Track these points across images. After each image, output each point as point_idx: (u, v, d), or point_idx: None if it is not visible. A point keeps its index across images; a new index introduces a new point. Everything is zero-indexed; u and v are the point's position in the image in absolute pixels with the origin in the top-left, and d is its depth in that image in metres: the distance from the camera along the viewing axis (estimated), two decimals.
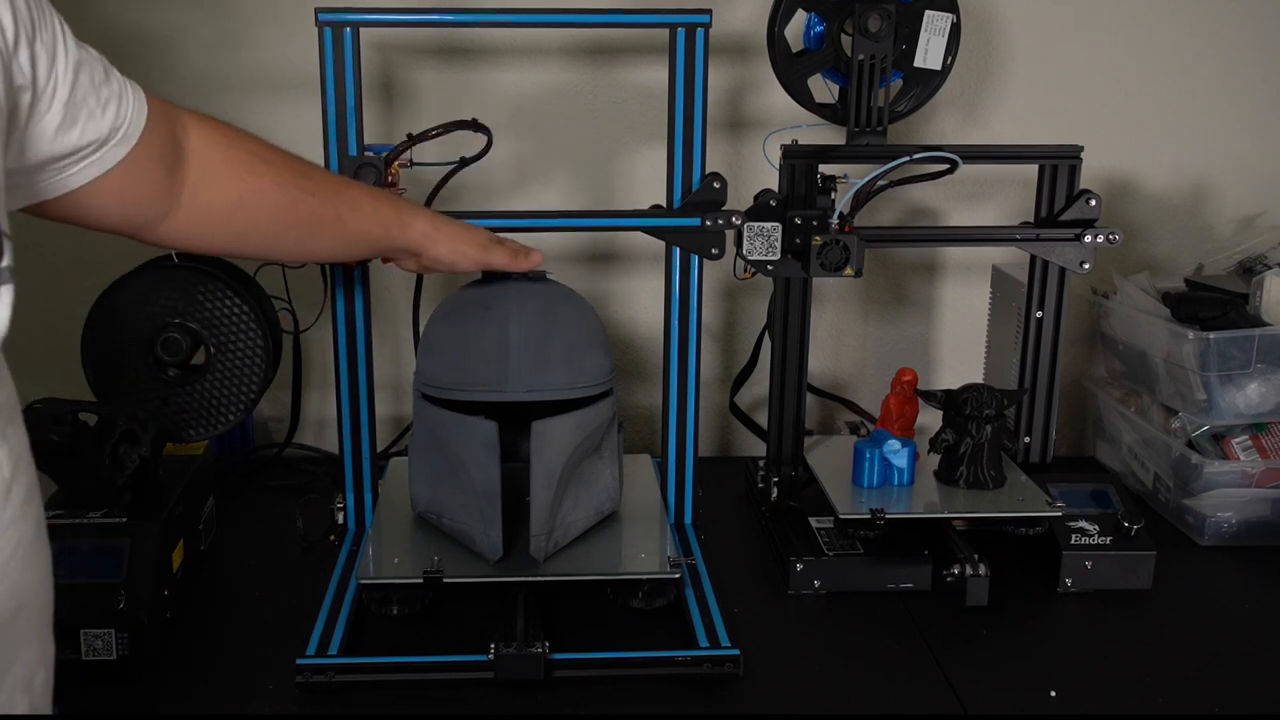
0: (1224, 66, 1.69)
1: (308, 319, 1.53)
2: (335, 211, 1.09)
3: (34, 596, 0.75)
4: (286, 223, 1.06)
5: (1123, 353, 1.60)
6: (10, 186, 0.80)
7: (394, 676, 1.12)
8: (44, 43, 0.78)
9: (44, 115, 0.79)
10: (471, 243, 1.20)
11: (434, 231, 1.17)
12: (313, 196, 1.07)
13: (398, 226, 1.15)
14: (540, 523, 1.19)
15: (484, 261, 1.21)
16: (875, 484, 1.37)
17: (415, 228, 1.16)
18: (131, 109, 0.88)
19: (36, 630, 0.77)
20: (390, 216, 1.15)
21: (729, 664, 1.12)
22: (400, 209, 1.17)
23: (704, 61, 1.29)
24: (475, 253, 1.20)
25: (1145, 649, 1.21)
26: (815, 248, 1.33)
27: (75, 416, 1.23)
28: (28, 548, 0.74)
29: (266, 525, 1.46)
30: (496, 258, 1.21)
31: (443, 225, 1.19)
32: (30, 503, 0.75)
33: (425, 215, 1.18)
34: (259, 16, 1.58)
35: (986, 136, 1.67)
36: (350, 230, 1.12)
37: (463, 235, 1.20)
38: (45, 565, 0.77)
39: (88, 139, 0.83)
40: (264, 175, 1.02)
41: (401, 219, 1.15)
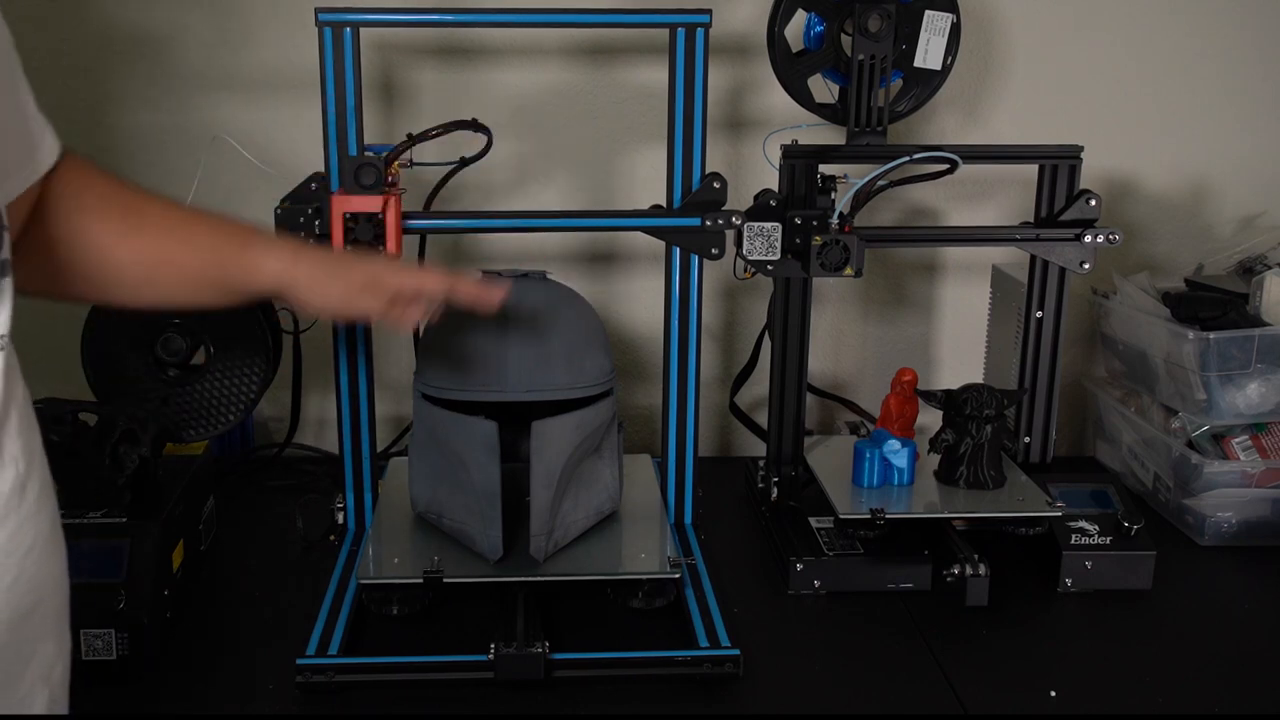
0: (1224, 66, 1.69)
1: (308, 319, 1.53)
2: (166, 251, 0.94)
3: (51, 592, 0.76)
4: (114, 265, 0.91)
5: (1123, 353, 1.60)
6: None
7: (394, 676, 1.12)
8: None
9: None
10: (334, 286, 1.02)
11: (289, 270, 0.99)
12: (139, 235, 0.92)
13: (241, 269, 0.98)
14: (540, 523, 1.19)
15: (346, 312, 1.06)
16: (875, 484, 1.37)
17: (265, 271, 0.99)
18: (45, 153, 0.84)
19: (54, 625, 0.78)
20: (232, 254, 0.98)
21: (729, 664, 1.12)
22: (250, 245, 0.99)
23: (704, 61, 1.29)
24: (336, 302, 1.03)
25: (1145, 649, 1.21)
26: (815, 248, 1.33)
27: (75, 416, 1.23)
28: (44, 544, 0.75)
29: (266, 525, 1.45)
30: (363, 304, 1.04)
31: (302, 264, 1.00)
32: (45, 499, 0.75)
33: (282, 254, 1.00)
34: (259, 16, 1.58)
35: (986, 136, 1.67)
36: (188, 271, 0.96)
37: (325, 278, 1.01)
38: (61, 561, 0.78)
39: None
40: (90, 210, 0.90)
41: (247, 257, 0.98)
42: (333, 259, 1.06)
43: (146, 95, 1.60)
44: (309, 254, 1.04)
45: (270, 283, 0.99)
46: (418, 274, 1.09)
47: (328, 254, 1.06)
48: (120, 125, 1.60)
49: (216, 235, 0.98)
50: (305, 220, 1.26)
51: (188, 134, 1.59)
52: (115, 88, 1.59)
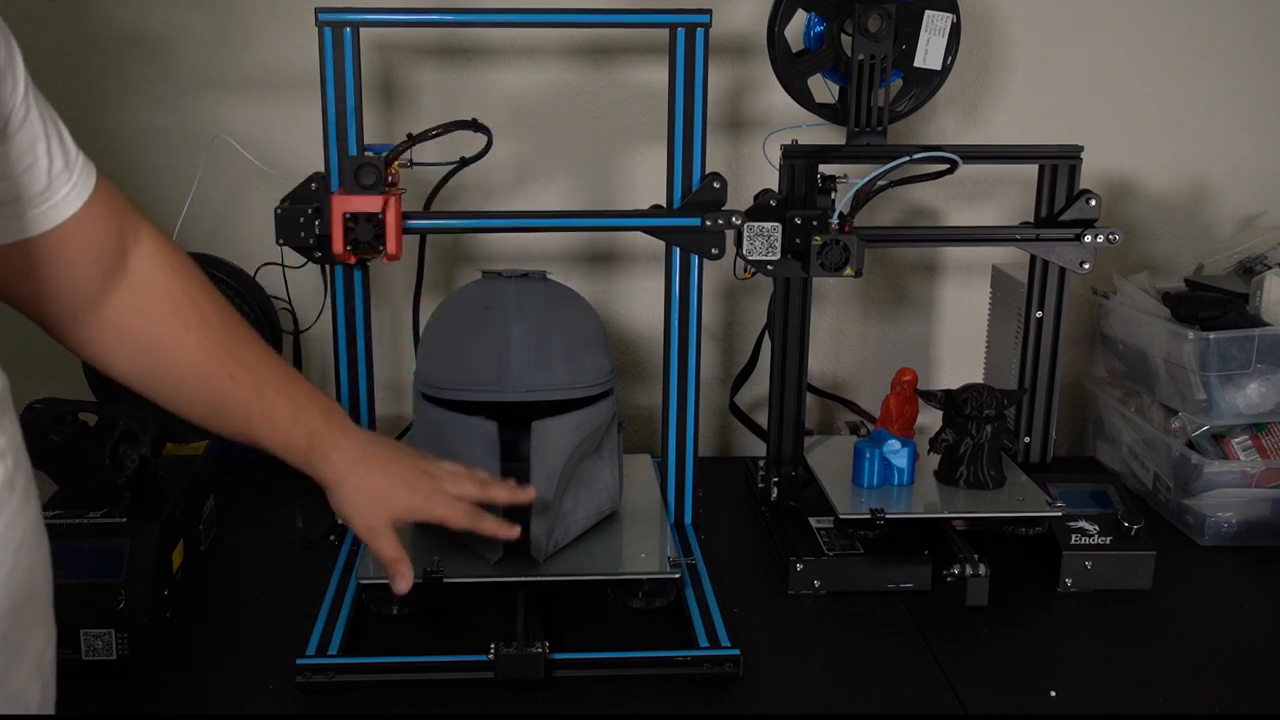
0: (1224, 66, 1.69)
1: (308, 319, 1.53)
2: (246, 409, 0.96)
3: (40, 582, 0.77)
4: (195, 390, 0.94)
5: (1123, 353, 1.60)
6: None
7: (394, 676, 1.12)
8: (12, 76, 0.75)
9: None
10: (362, 517, 1.03)
11: (335, 484, 1.01)
12: (232, 380, 0.94)
13: (303, 461, 1.01)
14: (540, 523, 1.19)
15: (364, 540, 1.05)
16: (875, 484, 1.37)
17: (319, 475, 1.01)
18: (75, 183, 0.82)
19: (43, 613, 0.79)
20: (298, 448, 1.00)
21: (729, 664, 1.12)
22: (315, 445, 1.00)
23: (704, 61, 1.29)
24: (359, 529, 1.03)
25: (1145, 649, 1.21)
26: (815, 248, 1.33)
27: (75, 416, 1.23)
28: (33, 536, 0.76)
29: (266, 525, 1.45)
30: (373, 545, 1.04)
31: (352, 481, 1.02)
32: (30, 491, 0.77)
33: (341, 459, 1.01)
34: (259, 16, 1.58)
35: (986, 136, 1.67)
36: (253, 435, 0.98)
37: (362, 504, 1.02)
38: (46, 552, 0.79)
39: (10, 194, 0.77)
40: (193, 330, 0.92)
41: (310, 457, 1.00)
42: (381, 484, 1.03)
43: (146, 95, 1.60)
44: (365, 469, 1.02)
45: (319, 479, 1.02)
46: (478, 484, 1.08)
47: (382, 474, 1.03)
48: (120, 125, 1.60)
49: (295, 414, 0.99)
50: (305, 220, 1.26)
51: (188, 134, 1.59)
52: (115, 88, 1.59)
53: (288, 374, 1.01)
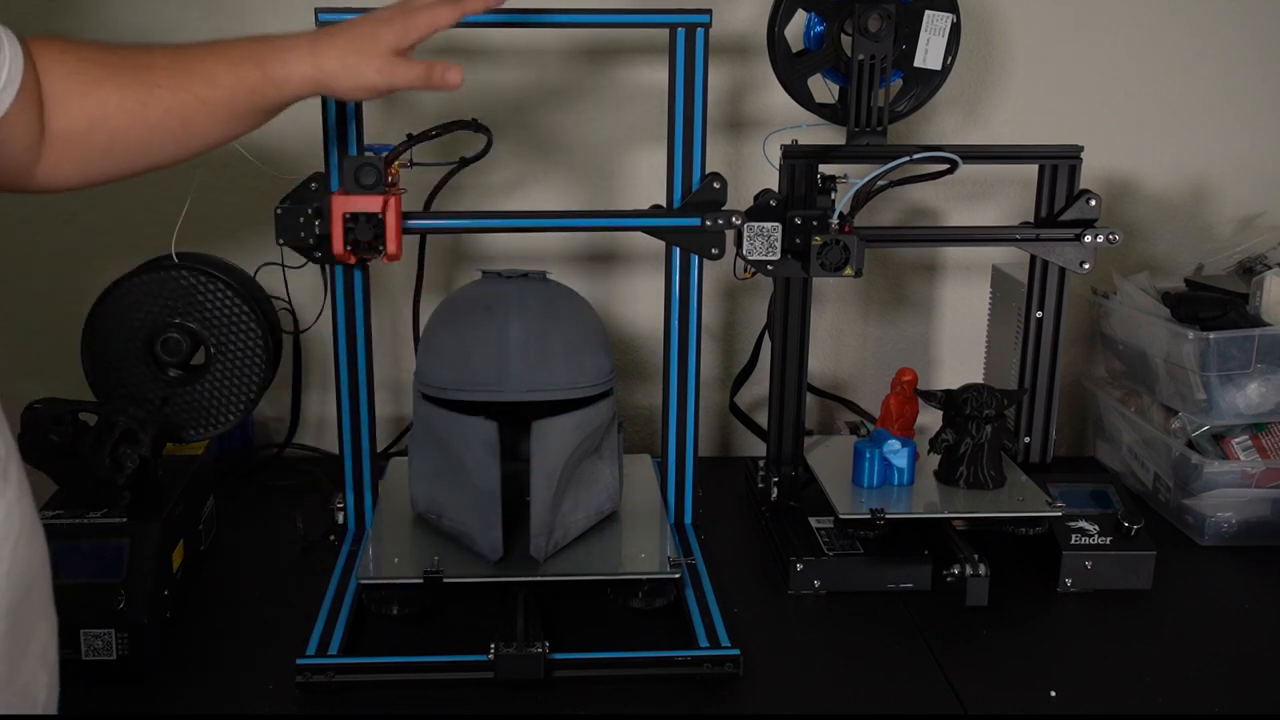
0: (1224, 66, 1.69)
1: (308, 319, 1.53)
2: (194, 96, 0.95)
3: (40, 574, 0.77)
4: (149, 125, 0.93)
5: (1123, 353, 1.60)
6: None
7: (394, 676, 1.12)
8: None
9: None
10: (367, 68, 1.00)
11: (316, 73, 0.99)
12: (161, 88, 0.93)
13: (270, 85, 0.98)
14: (540, 523, 1.19)
15: (392, 87, 1.03)
16: (875, 484, 1.37)
17: (293, 78, 0.99)
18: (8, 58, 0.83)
19: (44, 605, 0.79)
20: (257, 78, 0.98)
21: (729, 664, 1.12)
22: (266, 62, 0.99)
23: (704, 61, 1.29)
24: (378, 79, 1.01)
25: (1145, 649, 1.21)
26: (815, 248, 1.33)
27: (75, 416, 1.23)
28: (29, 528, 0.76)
29: (266, 525, 1.45)
30: (400, 79, 1.02)
31: (327, 58, 1.00)
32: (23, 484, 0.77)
33: (301, 54, 1.00)
34: (259, 16, 1.58)
35: (986, 136, 1.67)
36: (220, 108, 0.97)
37: (354, 61, 1.00)
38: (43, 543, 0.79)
39: None
40: (104, 82, 0.91)
41: (270, 73, 0.98)
42: (353, 36, 1.02)
43: None
44: (328, 40, 1.01)
45: (300, 91, 1.00)
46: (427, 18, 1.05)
47: (347, 31, 1.02)
48: None
49: (232, 64, 0.97)
50: (305, 220, 1.26)
51: None
52: None
53: (202, 46, 0.99)
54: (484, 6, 1.08)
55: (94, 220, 1.63)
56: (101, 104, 0.91)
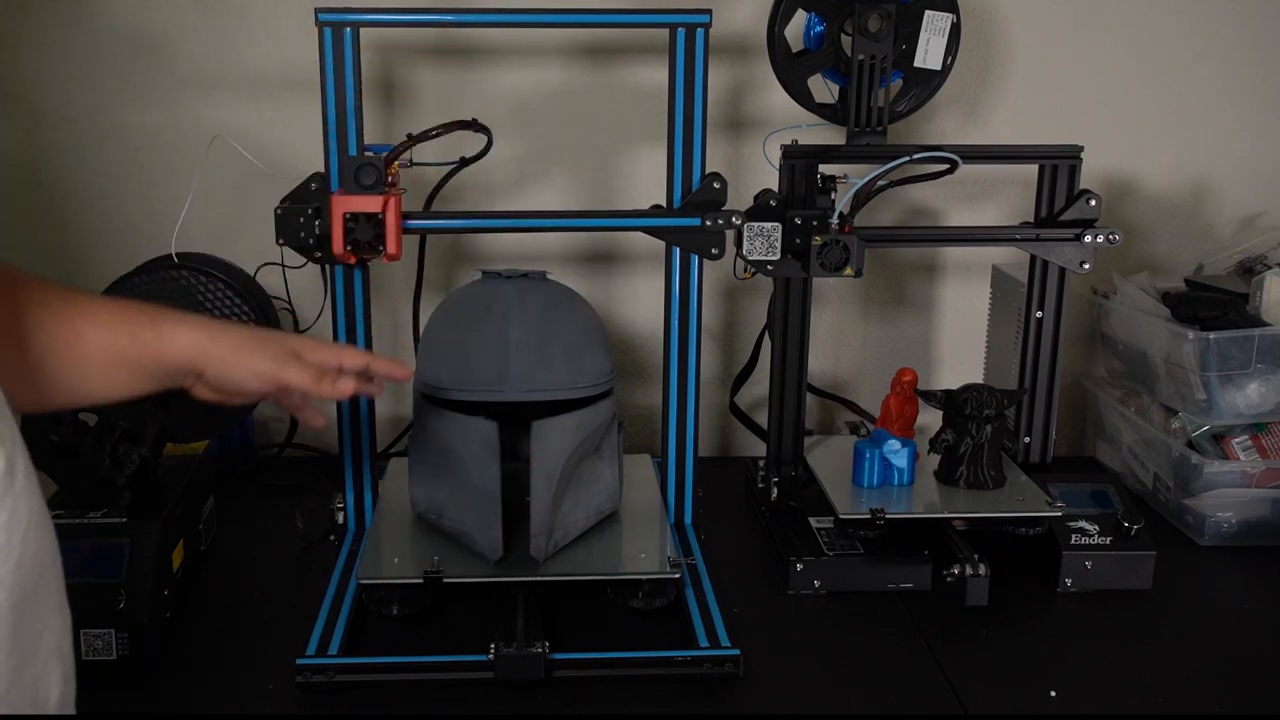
0: (1224, 66, 1.69)
1: (308, 319, 1.53)
2: (71, 326, 0.87)
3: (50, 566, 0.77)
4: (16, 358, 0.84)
5: (1123, 353, 1.60)
6: None
7: (394, 676, 1.12)
8: None
9: None
10: (261, 355, 0.97)
11: (208, 343, 0.94)
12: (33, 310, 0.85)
13: (154, 335, 0.91)
14: (540, 523, 1.19)
15: (279, 379, 0.98)
16: (875, 484, 1.37)
17: (180, 339, 0.93)
18: None
19: (57, 599, 0.79)
20: (143, 324, 0.91)
21: (729, 664, 1.12)
22: (158, 316, 0.93)
23: (704, 61, 1.29)
24: (266, 366, 0.97)
25: (1145, 649, 1.21)
26: (815, 248, 1.33)
27: (75, 416, 1.23)
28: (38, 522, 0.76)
29: (266, 525, 1.45)
30: (292, 376, 0.98)
31: (221, 336, 0.96)
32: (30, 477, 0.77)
33: (196, 323, 0.96)
34: (259, 16, 1.58)
35: (986, 136, 1.67)
36: (94, 349, 0.88)
37: (248, 347, 0.97)
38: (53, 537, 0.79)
39: None
40: None
41: (158, 326, 0.92)
42: (250, 334, 1.00)
43: (147, 95, 1.60)
44: (224, 328, 0.98)
45: (185, 354, 0.94)
46: (335, 349, 1.07)
47: (244, 329, 1.00)
48: (120, 125, 1.60)
49: (120, 308, 0.92)
50: (305, 220, 1.26)
51: (188, 134, 1.59)
52: (115, 88, 1.59)
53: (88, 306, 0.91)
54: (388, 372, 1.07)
55: (94, 220, 1.63)
56: None
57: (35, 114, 1.60)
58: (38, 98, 1.59)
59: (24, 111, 1.60)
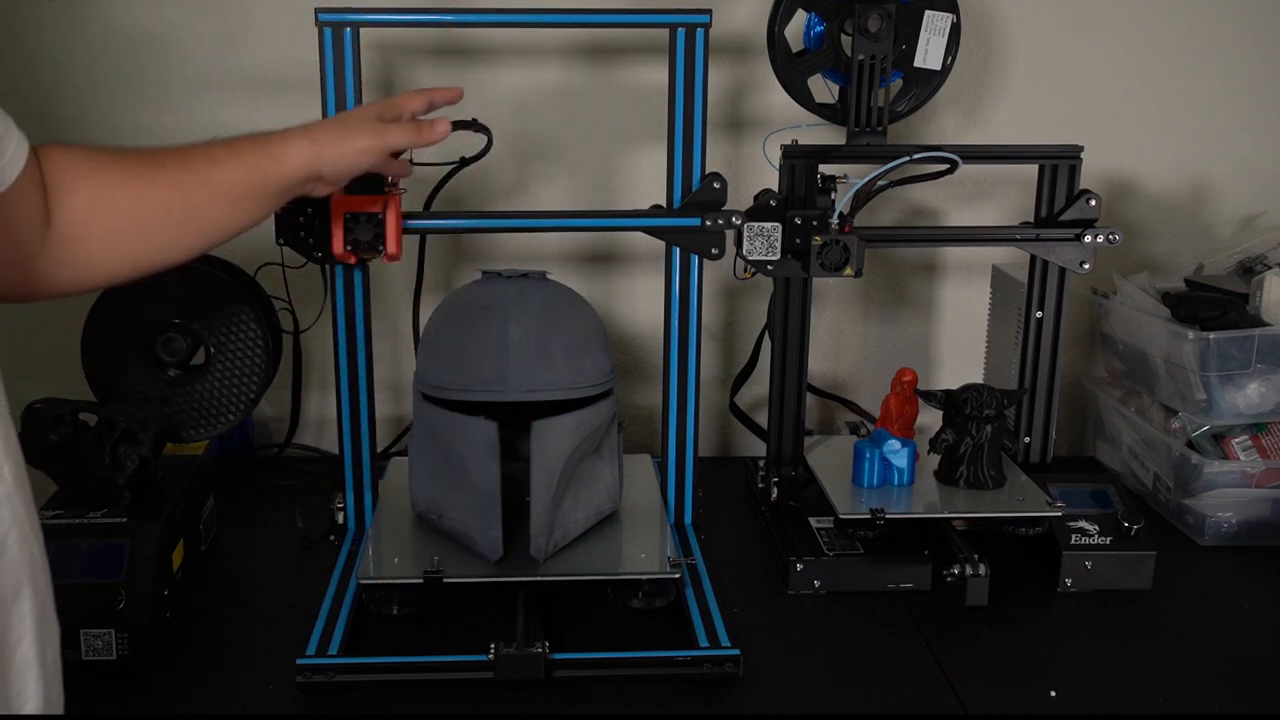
0: (1224, 66, 1.69)
1: (308, 319, 1.53)
2: (196, 173, 0.98)
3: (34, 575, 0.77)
4: (151, 205, 0.95)
5: (1123, 353, 1.60)
6: None
7: (394, 676, 1.12)
8: None
9: None
10: (361, 133, 1.05)
11: (314, 146, 1.03)
12: (164, 168, 0.96)
13: (270, 160, 1.01)
14: (540, 523, 1.19)
15: (385, 146, 1.06)
16: (875, 484, 1.37)
17: (292, 153, 1.02)
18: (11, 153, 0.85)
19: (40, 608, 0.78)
20: (257, 153, 1.01)
21: (729, 664, 1.12)
22: (264, 141, 1.02)
23: (704, 61, 1.29)
24: (371, 141, 1.05)
25: (1145, 649, 1.21)
26: (815, 248, 1.33)
27: (75, 416, 1.23)
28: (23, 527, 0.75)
29: (266, 525, 1.45)
30: (396, 138, 1.07)
31: (320, 133, 1.05)
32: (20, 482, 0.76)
33: (297, 133, 1.04)
34: (259, 16, 1.58)
35: (986, 136, 1.67)
36: (223, 186, 0.99)
37: (348, 133, 1.05)
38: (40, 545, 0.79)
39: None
40: (108, 165, 0.94)
41: (270, 150, 1.02)
42: (339, 121, 1.11)
43: (146, 95, 1.60)
44: (320, 128, 1.06)
45: (301, 165, 1.02)
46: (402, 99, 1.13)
47: (332, 121, 1.12)
48: (120, 125, 1.60)
49: (230, 145, 1.01)
50: (305, 220, 1.26)
51: (188, 134, 1.57)
52: (115, 88, 1.59)
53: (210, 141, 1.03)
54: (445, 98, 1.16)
55: None
56: (107, 185, 0.93)
57: (36, 114, 1.60)
58: (38, 98, 1.59)
59: (24, 112, 1.59)
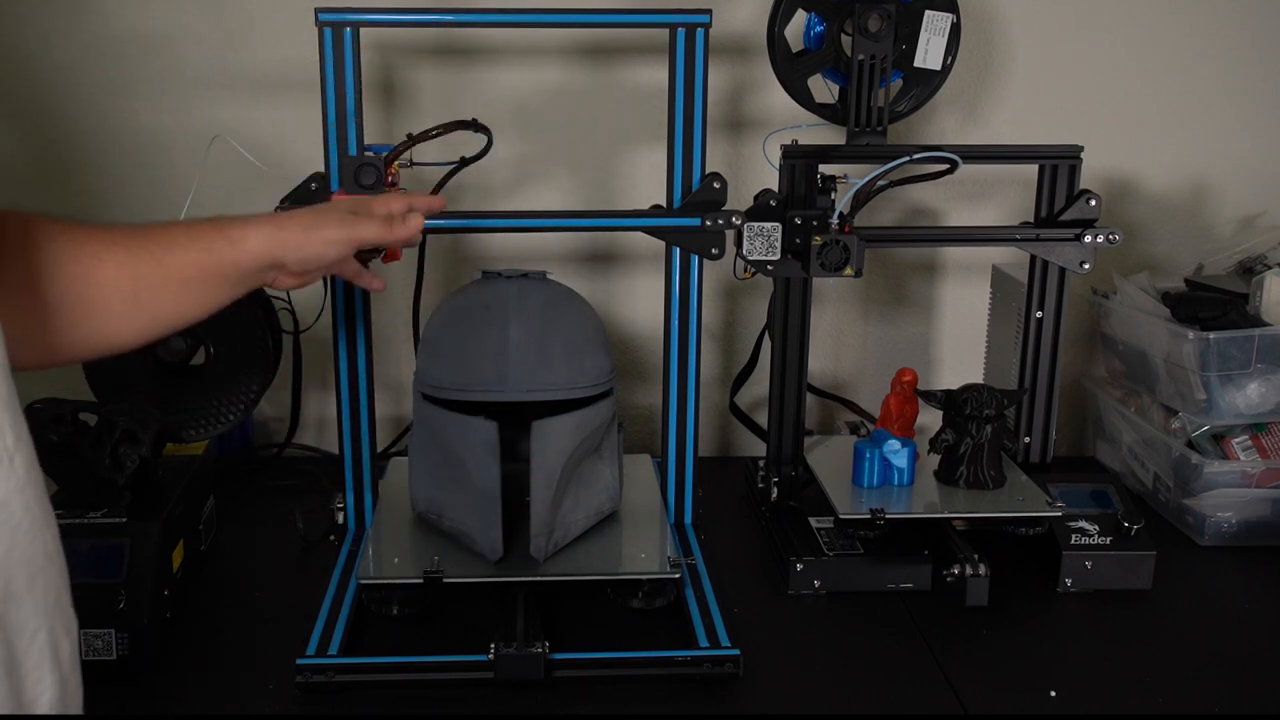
0: (1224, 66, 1.69)
1: (308, 319, 1.53)
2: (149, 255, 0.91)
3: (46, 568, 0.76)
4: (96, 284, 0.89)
5: (1123, 353, 1.60)
6: None
7: (394, 676, 1.12)
8: None
9: None
10: (329, 224, 1.02)
11: (278, 232, 0.99)
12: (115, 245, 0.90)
13: (228, 245, 0.96)
14: (540, 523, 1.19)
15: (353, 239, 1.03)
16: (875, 484, 1.37)
17: (251, 238, 0.97)
18: None
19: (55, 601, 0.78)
20: (214, 237, 0.96)
21: (729, 664, 1.12)
22: (225, 224, 0.97)
23: (704, 61, 1.29)
24: (339, 233, 1.02)
25: (1145, 649, 1.21)
26: (815, 248, 1.33)
27: (75, 416, 1.23)
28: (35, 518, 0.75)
29: (266, 525, 1.45)
30: (365, 231, 1.04)
31: (287, 221, 1.01)
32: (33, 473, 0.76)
33: (261, 220, 1.00)
34: (259, 16, 1.58)
35: (986, 136, 1.67)
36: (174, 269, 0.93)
37: (315, 221, 1.02)
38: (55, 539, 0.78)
39: None
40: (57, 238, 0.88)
41: (228, 235, 0.96)
42: (310, 211, 1.05)
43: (146, 95, 1.60)
44: (287, 216, 1.03)
45: (261, 251, 0.97)
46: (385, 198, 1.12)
47: (303, 210, 1.06)
48: (120, 125, 1.60)
49: (189, 226, 0.97)
50: None
51: (188, 134, 1.59)
52: (116, 88, 1.59)
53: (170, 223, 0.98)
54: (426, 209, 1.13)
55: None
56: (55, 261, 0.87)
57: (36, 114, 1.60)
58: (39, 98, 1.59)
59: (25, 112, 1.60)
